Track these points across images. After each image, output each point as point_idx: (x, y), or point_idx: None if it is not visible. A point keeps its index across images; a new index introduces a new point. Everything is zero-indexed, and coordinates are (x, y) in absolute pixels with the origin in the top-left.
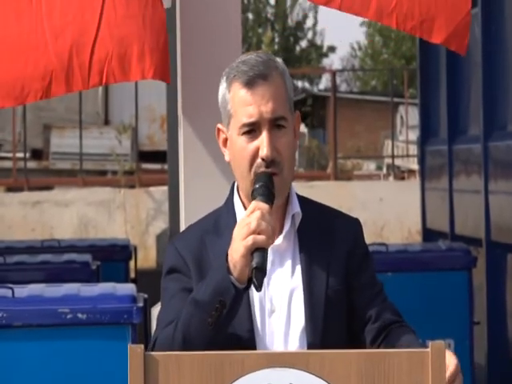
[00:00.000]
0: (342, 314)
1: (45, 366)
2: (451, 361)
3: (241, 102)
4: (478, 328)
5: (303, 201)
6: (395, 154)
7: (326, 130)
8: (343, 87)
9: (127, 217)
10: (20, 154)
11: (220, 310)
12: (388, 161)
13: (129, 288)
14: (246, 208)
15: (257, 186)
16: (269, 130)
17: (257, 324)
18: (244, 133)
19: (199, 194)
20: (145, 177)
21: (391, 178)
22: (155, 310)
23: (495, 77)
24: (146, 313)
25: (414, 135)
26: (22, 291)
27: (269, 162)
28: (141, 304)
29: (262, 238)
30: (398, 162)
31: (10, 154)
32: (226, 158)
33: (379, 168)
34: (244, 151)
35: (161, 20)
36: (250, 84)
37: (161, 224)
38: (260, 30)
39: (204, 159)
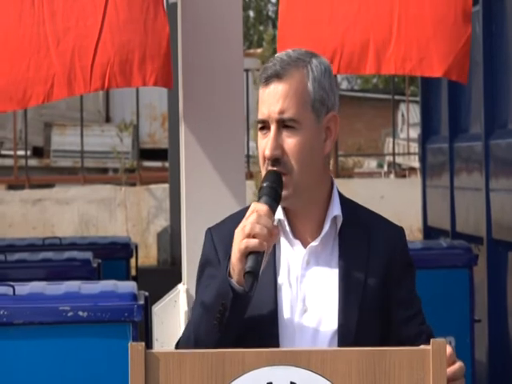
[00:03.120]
0: (376, 321)
1: (46, 363)
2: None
3: (259, 99)
4: (479, 326)
5: (348, 204)
6: (396, 151)
7: None
8: (344, 85)
9: (128, 214)
10: (21, 152)
11: (222, 313)
12: (389, 158)
13: (130, 286)
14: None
15: (264, 184)
16: (276, 129)
17: (284, 323)
18: (260, 128)
19: (200, 192)
20: (146, 174)
21: (392, 176)
22: (156, 308)
23: (496, 75)
24: (146, 311)
25: (414, 133)
26: (23, 289)
27: (272, 161)
28: (142, 302)
29: (254, 242)
30: (398, 159)
31: (11, 152)
32: None
33: (380, 166)
34: (259, 147)
35: (162, 23)
36: (265, 82)
37: (162, 222)
38: (261, 28)
39: (205, 157)
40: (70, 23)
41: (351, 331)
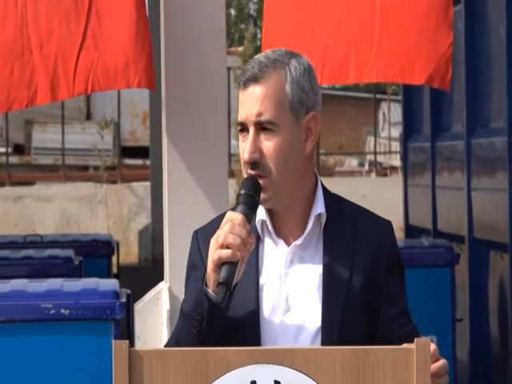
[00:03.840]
0: (362, 318)
1: (27, 361)
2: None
3: (239, 102)
4: (461, 325)
5: (333, 199)
6: (377, 150)
7: None
8: None
9: (109, 212)
10: (2, 149)
11: (200, 322)
12: (370, 157)
13: (112, 283)
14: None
15: (241, 191)
16: (254, 132)
17: (266, 323)
18: (240, 131)
19: (182, 190)
20: (127, 172)
21: (373, 175)
22: (138, 306)
23: (478, 74)
24: (128, 308)
25: (396, 132)
26: (5, 286)
27: (251, 164)
28: (124, 299)
29: (227, 252)
30: (380, 158)
31: None
32: None
33: (361, 164)
34: (240, 149)
35: (145, 27)
36: (243, 85)
37: (143, 219)
38: (242, 26)
39: (187, 155)
40: (53, 27)
41: (335, 329)
